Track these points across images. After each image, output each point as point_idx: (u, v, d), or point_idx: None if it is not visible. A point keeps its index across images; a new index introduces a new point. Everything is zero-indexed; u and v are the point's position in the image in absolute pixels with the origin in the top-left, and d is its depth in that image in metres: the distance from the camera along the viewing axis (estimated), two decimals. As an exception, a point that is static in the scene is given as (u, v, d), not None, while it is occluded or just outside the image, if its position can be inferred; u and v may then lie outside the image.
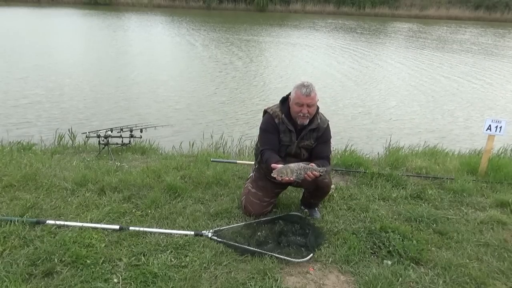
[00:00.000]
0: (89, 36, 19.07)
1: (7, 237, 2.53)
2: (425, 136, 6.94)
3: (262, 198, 3.00)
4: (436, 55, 17.50)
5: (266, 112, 2.97)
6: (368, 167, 4.00)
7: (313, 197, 3.04)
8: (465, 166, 4.23)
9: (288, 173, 2.59)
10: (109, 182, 3.37)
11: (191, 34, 21.07)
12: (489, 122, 3.90)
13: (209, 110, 8.10)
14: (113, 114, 7.57)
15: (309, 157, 2.94)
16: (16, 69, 10.95)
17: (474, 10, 42.92)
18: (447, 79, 12.44)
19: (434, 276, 2.44)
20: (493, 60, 17.06)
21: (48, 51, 14.02)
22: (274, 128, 2.87)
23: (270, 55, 15.71)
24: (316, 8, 42.81)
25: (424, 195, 3.52)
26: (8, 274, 2.20)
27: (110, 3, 38.90)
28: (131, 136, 4.80)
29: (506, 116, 8.57)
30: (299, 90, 2.76)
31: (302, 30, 26.50)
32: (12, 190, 3.20)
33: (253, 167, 3.27)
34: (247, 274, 2.34)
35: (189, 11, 37.46)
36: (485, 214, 3.23)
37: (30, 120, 7.00)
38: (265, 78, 11.51)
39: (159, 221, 2.88)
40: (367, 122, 7.87)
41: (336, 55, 16.26)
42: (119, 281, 2.24)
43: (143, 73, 11.41)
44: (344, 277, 2.41)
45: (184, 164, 3.99)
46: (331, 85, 10.84)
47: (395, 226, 2.87)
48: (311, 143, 2.92)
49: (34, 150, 4.57)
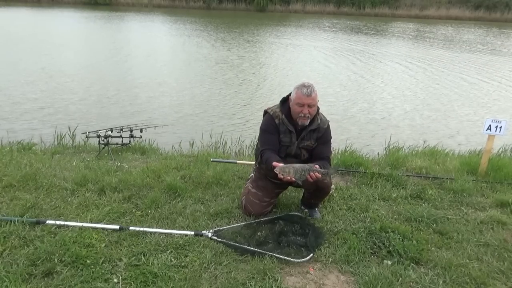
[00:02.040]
0: (89, 36, 19.07)
1: (7, 237, 2.53)
2: (425, 136, 6.94)
3: (262, 198, 3.00)
4: (436, 55, 17.49)
5: (266, 112, 2.97)
6: (368, 167, 4.00)
7: (314, 198, 3.04)
8: (465, 166, 4.23)
9: (290, 172, 2.58)
10: (109, 182, 3.37)
11: (191, 34, 21.07)
12: (489, 122, 3.90)
13: (209, 110, 8.10)
14: (113, 114, 7.57)
15: (310, 157, 2.94)
16: (16, 69, 10.96)
17: (474, 10, 42.91)
18: (447, 79, 12.45)
19: (434, 276, 2.43)
20: (493, 60, 17.06)
21: (48, 51, 14.02)
22: (275, 128, 2.88)
23: (271, 55, 15.71)
24: (316, 8, 42.81)
25: (424, 195, 3.52)
26: (8, 274, 2.19)
27: (110, 3, 38.92)
28: (131, 136, 4.80)
29: (507, 116, 8.58)
30: (300, 91, 2.76)
31: (302, 30, 26.50)
32: (12, 190, 3.20)
33: (253, 167, 3.27)
34: (247, 274, 2.34)
35: (189, 11, 37.46)
36: (485, 214, 3.23)
37: (30, 120, 7.00)
38: (265, 78, 11.51)
39: (159, 221, 2.88)
40: (367, 122, 7.87)
41: (337, 55, 16.26)
42: (119, 281, 2.24)
43: (143, 73, 11.41)
44: (344, 277, 2.41)
45: (184, 164, 3.99)
46: (331, 85, 10.84)
47: (395, 226, 2.87)
48: (312, 143, 2.92)
49: (34, 150, 4.57)
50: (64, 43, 16.04)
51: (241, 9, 41.50)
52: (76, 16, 28.69)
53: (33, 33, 18.37)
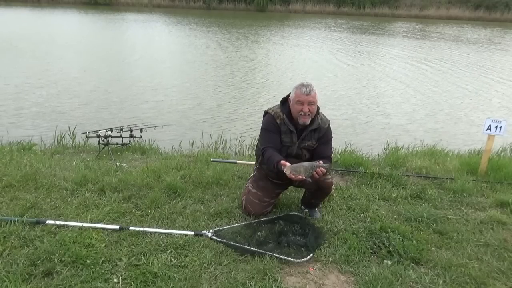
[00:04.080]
0: (89, 36, 19.06)
1: (7, 237, 2.53)
2: (425, 136, 6.94)
3: (262, 198, 3.00)
4: (436, 55, 17.49)
5: (267, 113, 2.98)
6: (368, 167, 4.00)
7: (315, 197, 3.04)
8: (465, 166, 4.23)
9: (301, 171, 2.58)
10: (109, 182, 3.37)
11: (192, 34, 21.08)
12: (489, 122, 3.90)
13: (209, 110, 8.10)
14: (113, 114, 7.57)
15: (311, 157, 2.95)
16: (16, 69, 10.96)
17: (474, 10, 42.91)
18: (447, 79, 12.44)
19: (434, 276, 2.43)
20: (493, 60, 17.06)
21: (48, 51, 14.01)
22: (276, 128, 2.88)
23: (272, 55, 15.70)
24: (316, 8, 42.81)
25: (424, 195, 3.52)
26: (8, 274, 2.19)
27: (110, 3, 38.88)
28: (131, 136, 4.80)
29: (507, 115, 8.58)
30: (299, 90, 2.78)
31: (302, 29, 26.50)
32: (12, 190, 3.20)
33: (254, 167, 3.27)
34: (247, 274, 2.34)
35: (189, 11, 37.45)
36: (485, 214, 3.23)
37: (30, 120, 6.99)
38: (266, 78, 11.50)
39: (159, 221, 2.88)
40: (367, 122, 7.87)
41: (337, 55, 16.26)
42: (119, 281, 2.24)
43: (143, 72, 11.41)
44: (344, 277, 2.41)
45: (184, 164, 3.98)
46: (331, 85, 10.84)
47: (395, 226, 2.87)
48: (313, 143, 2.93)
49: (34, 150, 4.57)
50: (65, 43, 16.03)
51: (241, 9, 41.49)
52: (76, 16, 28.68)
53: (33, 33, 18.36)
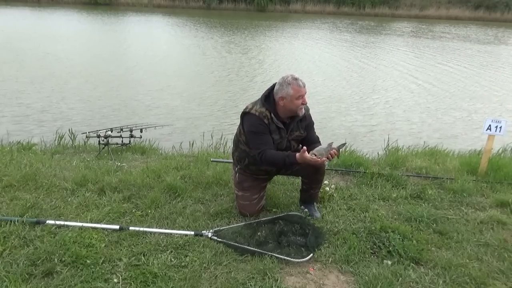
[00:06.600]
0: (89, 36, 19.06)
1: (7, 237, 2.53)
2: (425, 136, 6.94)
3: (250, 197, 3.00)
4: (436, 55, 17.49)
5: (249, 113, 2.81)
6: (368, 167, 3.99)
7: (313, 183, 3.03)
8: (465, 166, 4.23)
9: (324, 154, 2.69)
10: (109, 182, 3.37)
11: (192, 34, 21.08)
12: (489, 122, 3.90)
13: (209, 110, 8.10)
14: (113, 114, 7.58)
15: (298, 147, 2.96)
16: (16, 70, 10.96)
17: (474, 10, 42.86)
18: (447, 79, 12.44)
19: (434, 276, 2.43)
20: (493, 60, 17.05)
21: (48, 52, 14.01)
22: (266, 128, 2.81)
23: (272, 55, 15.70)
24: (316, 8, 42.77)
25: (424, 195, 3.52)
26: (8, 274, 2.20)
27: (110, 3, 38.85)
28: (131, 136, 4.80)
29: (507, 115, 8.57)
30: (296, 85, 2.75)
31: (302, 29, 26.49)
32: (12, 190, 3.20)
33: (235, 168, 3.14)
34: (247, 274, 2.34)
35: (189, 11, 37.44)
36: (485, 214, 3.22)
37: (30, 120, 7.00)
38: (266, 78, 11.50)
39: (159, 221, 2.88)
40: (367, 122, 7.87)
41: (337, 55, 16.26)
42: (119, 281, 2.24)
43: (143, 73, 11.41)
44: (344, 277, 2.41)
45: (184, 164, 3.98)
46: (331, 85, 10.84)
47: (395, 226, 2.87)
48: (301, 133, 2.96)
49: (34, 150, 4.57)
50: (65, 44, 16.03)
51: (241, 9, 41.45)
52: (77, 16, 28.68)
53: (33, 32, 18.36)
